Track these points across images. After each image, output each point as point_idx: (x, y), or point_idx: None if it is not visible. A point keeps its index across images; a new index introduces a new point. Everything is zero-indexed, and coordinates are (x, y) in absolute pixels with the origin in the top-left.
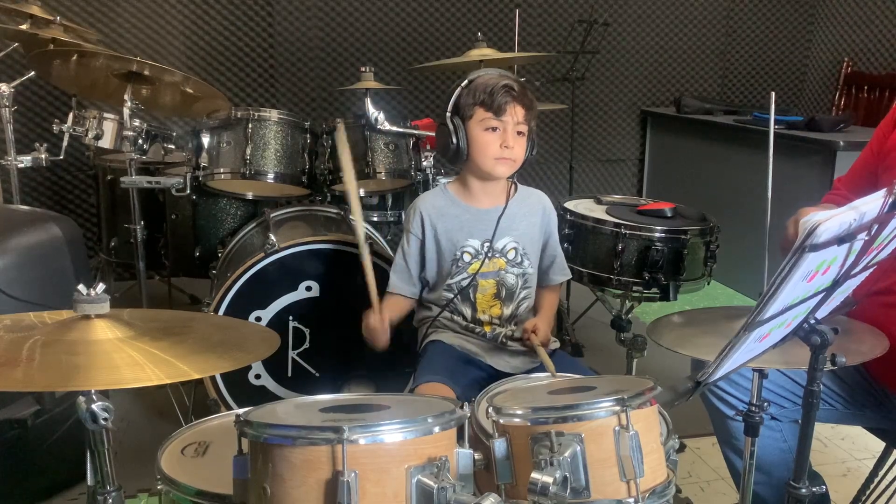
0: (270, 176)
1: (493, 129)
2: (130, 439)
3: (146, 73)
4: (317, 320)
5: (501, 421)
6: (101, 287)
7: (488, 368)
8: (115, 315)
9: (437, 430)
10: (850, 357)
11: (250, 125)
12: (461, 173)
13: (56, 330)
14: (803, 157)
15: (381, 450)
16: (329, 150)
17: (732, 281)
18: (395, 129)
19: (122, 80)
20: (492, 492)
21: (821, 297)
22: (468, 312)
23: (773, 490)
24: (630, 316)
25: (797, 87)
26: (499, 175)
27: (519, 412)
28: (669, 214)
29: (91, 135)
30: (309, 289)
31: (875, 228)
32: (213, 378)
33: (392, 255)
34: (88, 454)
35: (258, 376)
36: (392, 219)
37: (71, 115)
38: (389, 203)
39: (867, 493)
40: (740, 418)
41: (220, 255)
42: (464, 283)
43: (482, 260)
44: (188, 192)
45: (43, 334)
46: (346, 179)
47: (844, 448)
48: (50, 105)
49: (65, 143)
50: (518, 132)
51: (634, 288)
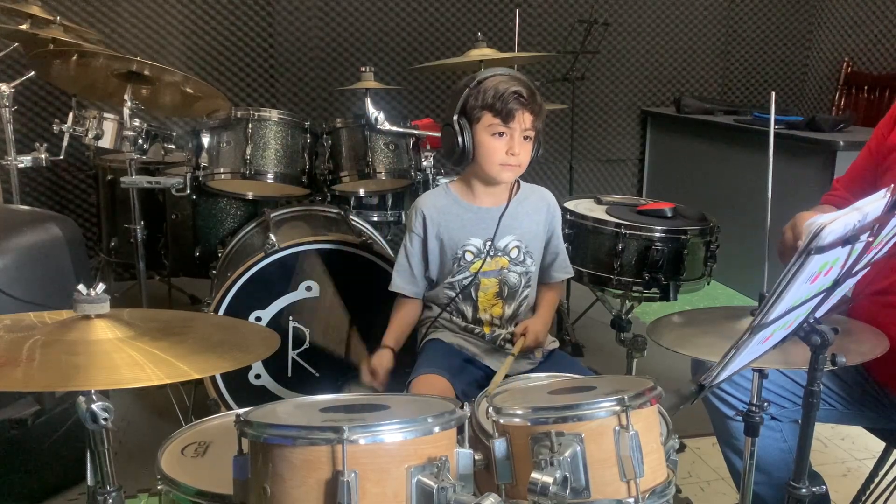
0: (270, 176)
1: (500, 134)
2: (130, 439)
3: (146, 73)
4: (317, 320)
5: (501, 421)
6: (101, 287)
7: (486, 368)
8: (115, 315)
9: (437, 430)
10: (850, 357)
11: (250, 125)
12: (464, 173)
13: (56, 330)
14: (803, 157)
15: (381, 450)
16: (329, 150)
17: (732, 281)
18: (395, 129)
19: (122, 80)
20: (492, 492)
21: (821, 297)
22: (469, 312)
23: (773, 490)
24: (630, 316)
25: (797, 87)
26: (504, 180)
27: (519, 412)
28: (669, 214)
29: (91, 135)
30: (309, 289)
31: (877, 228)
32: (213, 378)
33: (392, 255)
34: (88, 454)
35: (258, 376)
36: (392, 219)
37: (71, 115)
38: (389, 203)
39: (867, 493)
40: (740, 418)
41: (220, 255)
42: (465, 282)
43: (484, 259)
44: (188, 192)
45: (43, 334)
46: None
47: (844, 448)
48: (50, 105)
49: (65, 143)
50: (525, 137)
51: (634, 288)
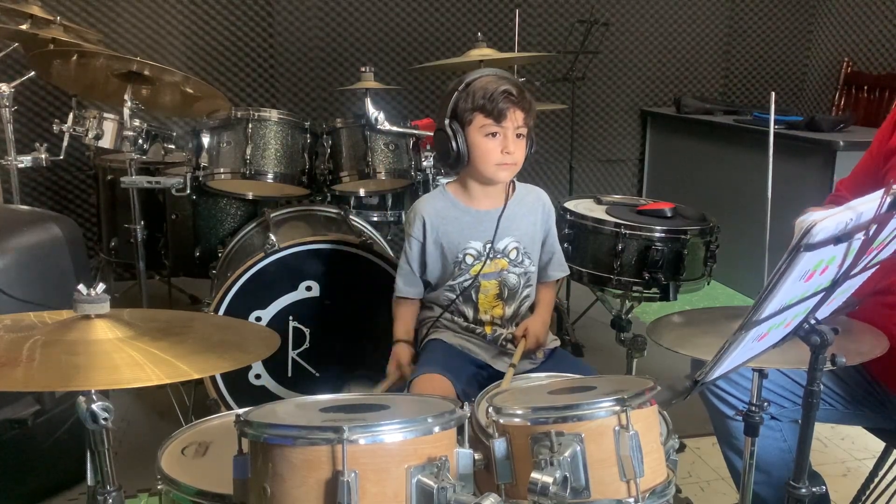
0: (270, 176)
1: (494, 134)
2: (130, 439)
3: (146, 73)
4: (317, 320)
5: (501, 421)
6: (101, 287)
7: (488, 368)
8: (115, 315)
9: (437, 430)
10: (850, 357)
11: (250, 125)
12: (461, 176)
13: (56, 330)
14: (803, 157)
15: (381, 450)
16: (329, 150)
17: (732, 281)
18: (395, 129)
19: (122, 80)
20: (492, 492)
21: (820, 297)
22: (470, 313)
23: (773, 490)
24: (630, 316)
25: (797, 87)
26: (501, 180)
27: (519, 412)
28: (669, 214)
29: (91, 135)
30: (309, 289)
31: (874, 229)
32: (213, 378)
33: (392, 255)
34: (88, 454)
35: (258, 376)
36: (392, 219)
37: (71, 115)
38: (389, 203)
39: (867, 493)
40: (740, 418)
41: (220, 255)
42: (465, 285)
43: (484, 261)
44: (188, 192)
45: (43, 334)
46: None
47: (844, 448)
48: (50, 105)
49: (65, 143)
50: (518, 135)
51: (634, 288)
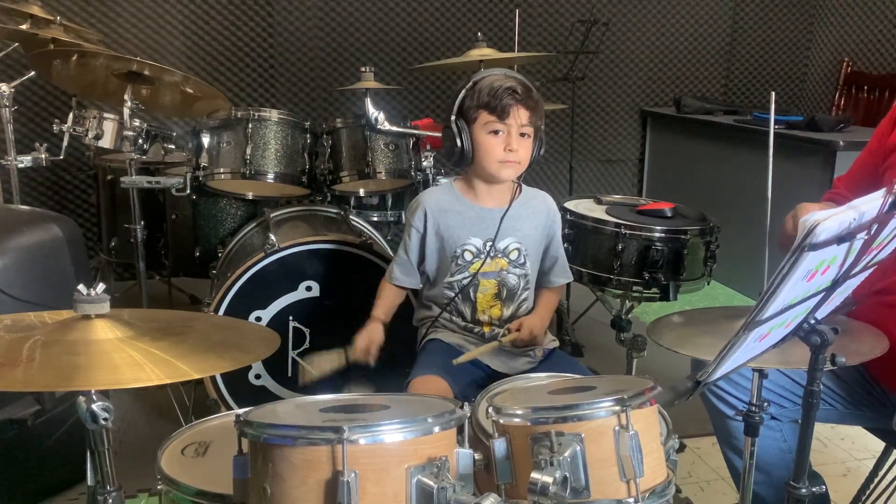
0: (270, 176)
1: (497, 132)
2: (130, 439)
3: (146, 73)
4: (317, 320)
5: (501, 421)
6: (101, 287)
7: (486, 368)
8: (115, 315)
9: (437, 430)
10: (850, 357)
11: (250, 125)
12: (467, 174)
13: (56, 330)
14: (803, 157)
15: (381, 450)
16: (329, 150)
17: (732, 281)
18: (395, 129)
19: (122, 80)
20: (492, 492)
21: (820, 297)
22: (468, 312)
23: (773, 490)
24: (630, 316)
25: (797, 87)
26: (504, 178)
27: (519, 412)
28: (669, 214)
29: (91, 135)
30: (309, 289)
31: (875, 228)
32: (213, 378)
33: (392, 255)
34: (88, 454)
35: (258, 376)
36: (392, 219)
37: (71, 115)
38: (389, 203)
39: (867, 493)
40: (740, 418)
41: (220, 255)
42: (464, 282)
43: (483, 259)
44: (188, 192)
45: (43, 334)
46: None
47: (844, 448)
48: (50, 105)
49: (65, 143)
50: (522, 134)
51: (634, 288)
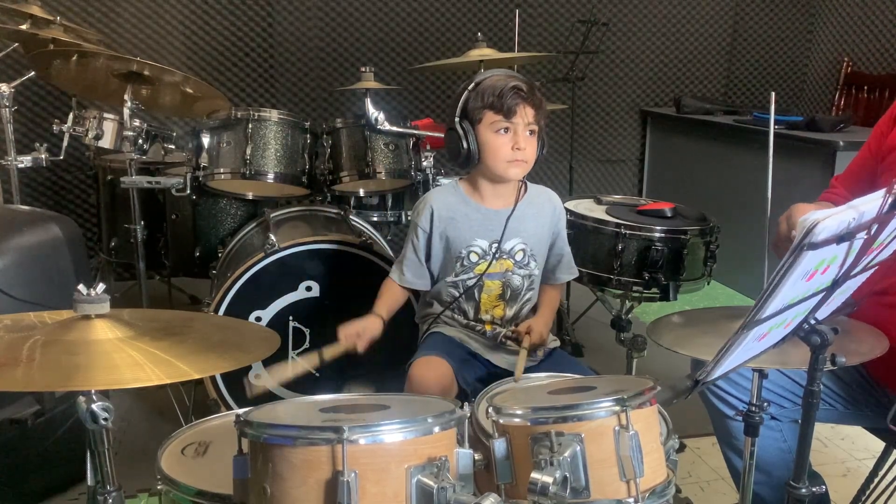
0: (270, 176)
1: (504, 130)
2: (130, 439)
3: (146, 73)
4: (317, 320)
5: (501, 421)
6: (101, 287)
7: (488, 364)
8: (115, 315)
9: (437, 430)
10: (850, 357)
11: (250, 125)
12: (472, 174)
13: (56, 330)
14: (803, 157)
15: (381, 450)
16: (329, 150)
17: (732, 281)
18: (395, 129)
19: (122, 80)
20: (492, 492)
21: (820, 297)
22: (471, 311)
23: (773, 490)
24: (630, 316)
25: (797, 87)
26: (512, 177)
27: (519, 412)
28: (669, 214)
29: (91, 135)
30: (309, 289)
31: (875, 228)
32: (213, 378)
33: (392, 255)
34: (88, 454)
35: (258, 376)
36: (392, 219)
37: (71, 115)
38: (389, 203)
39: (867, 493)
40: (740, 418)
41: (220, 255)
42: (469, 283)
43: (489, 261)
44: (188, 192)
45: (43, 334)
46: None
47: (844, 448)
48: (50, 105)
49: (65, 143)
50: (529, 132)
51: (634, 288)
